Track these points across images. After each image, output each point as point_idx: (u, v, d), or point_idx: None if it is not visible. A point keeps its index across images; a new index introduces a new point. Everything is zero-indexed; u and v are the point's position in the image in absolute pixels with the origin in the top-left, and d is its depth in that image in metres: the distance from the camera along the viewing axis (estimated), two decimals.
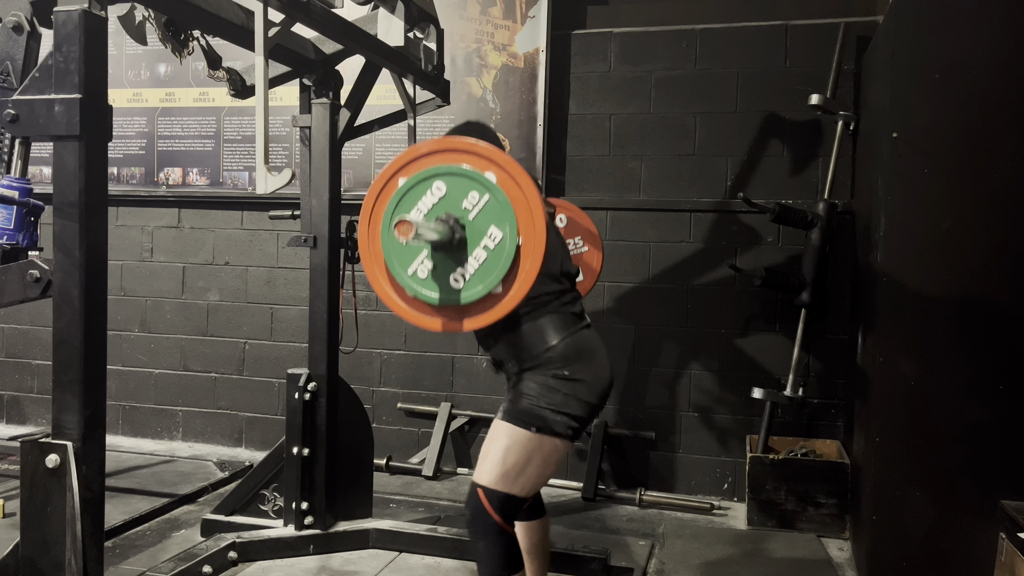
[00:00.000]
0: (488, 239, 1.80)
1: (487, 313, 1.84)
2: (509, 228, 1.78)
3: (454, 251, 1.80)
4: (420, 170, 1.83)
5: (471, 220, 1.80)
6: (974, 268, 2.70)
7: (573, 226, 3.21)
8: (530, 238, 1.79)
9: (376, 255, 1.88)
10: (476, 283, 1.81)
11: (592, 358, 2.25)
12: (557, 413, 2.14)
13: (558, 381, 2.16)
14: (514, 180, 1.80)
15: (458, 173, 1.81)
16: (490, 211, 1.79)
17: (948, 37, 2.70)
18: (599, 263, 3.20)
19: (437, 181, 1.82)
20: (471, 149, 1.83)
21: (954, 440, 2.71)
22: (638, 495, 3.85)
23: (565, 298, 2.27)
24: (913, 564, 2.75)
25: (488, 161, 1.82)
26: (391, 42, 2.83)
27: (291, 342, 4.52)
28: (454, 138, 1.90)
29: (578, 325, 2.26)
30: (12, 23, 2.01)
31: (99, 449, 1.91)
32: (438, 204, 1.82)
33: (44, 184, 3.43)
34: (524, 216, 1.79)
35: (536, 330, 2.19)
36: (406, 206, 1.83)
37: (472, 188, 1.80)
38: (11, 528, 2.98)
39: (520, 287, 1.80)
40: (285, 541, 3.07)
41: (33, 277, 1.94)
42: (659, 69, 4.04)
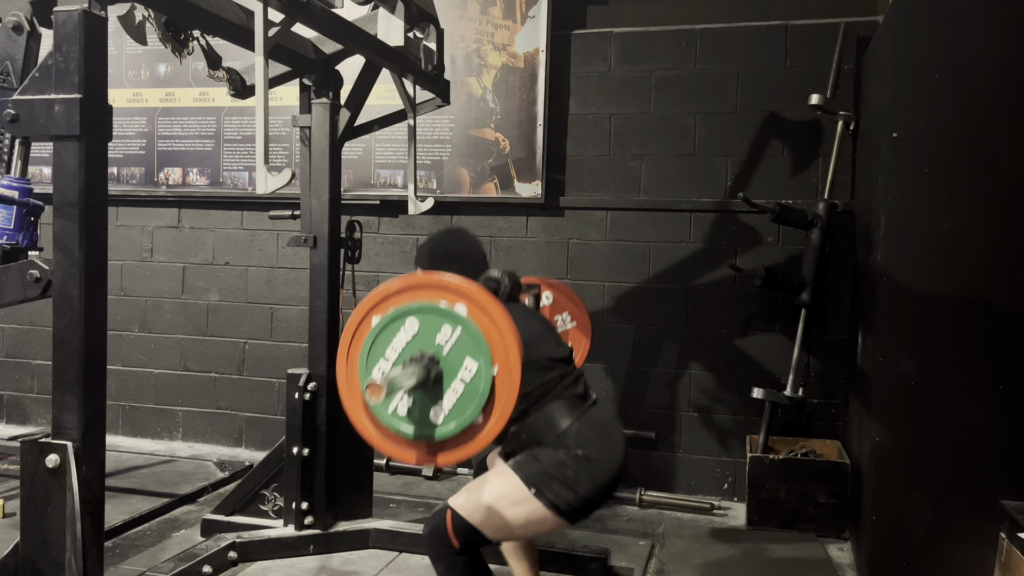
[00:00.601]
0: (464, 371, 1.81)
1: (469, 444, 1.85)
2: (484, 359, 1.80)
3: (431, 387, 1.81)
4: (392, 308, 1.86)
5: (446, 355, 1.82)
6: (974, 268, 2.69)
7: (559, 303, 3.20)
8: (505, 366, 1.80)
9: (355, 393, 1.90)
10: (455, 416, 1.82)
11: (607, 439, 2.22)
12: (564, 487, 2.11)
13: (571, 458, 2.14)
14: (484, 311, 1.82)
15: (429, 309, 1.83)
16: (464, 344, 1.81)
17: (948, 37, 2.70)
18: (588, 337, 3.20)
19: (409, 318, 1.84)
20: (439, 284, 1.86)
21: (954, 440, 2.71)
22: (638, 495, 3.85)
23: (566, 381, 2.26)
24: (913, 564, 2.75)
25: (457, 294, 1.84)
26: (391, 42, 2.83)
27: (291, 342, 4.52)
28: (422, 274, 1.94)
29: (585, 405, 2.25)
30: (12, 23, 2.00)
31: (99, 449, 1.91)
32: (412, 341, 1.84)
33: (44, 184, 3.43)
34: (497, 345, 1.81)
35: (544, 418, 2.19)
36: (381, 345, 1.85)
37: (444, 323, 1.82)
38: (11, 528, 2.99)
39: (500, 415, 1.81)
40: (285, 541, 3.07)
41: (33, 277, 1.94)
42: (659, 69, 4.04)
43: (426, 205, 3.30)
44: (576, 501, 2.12)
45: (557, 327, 3.13)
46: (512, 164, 4.14)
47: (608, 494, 2.20)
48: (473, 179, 4.20)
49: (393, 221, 4.37)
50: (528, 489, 2.11)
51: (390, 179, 4.32)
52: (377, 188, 4.33)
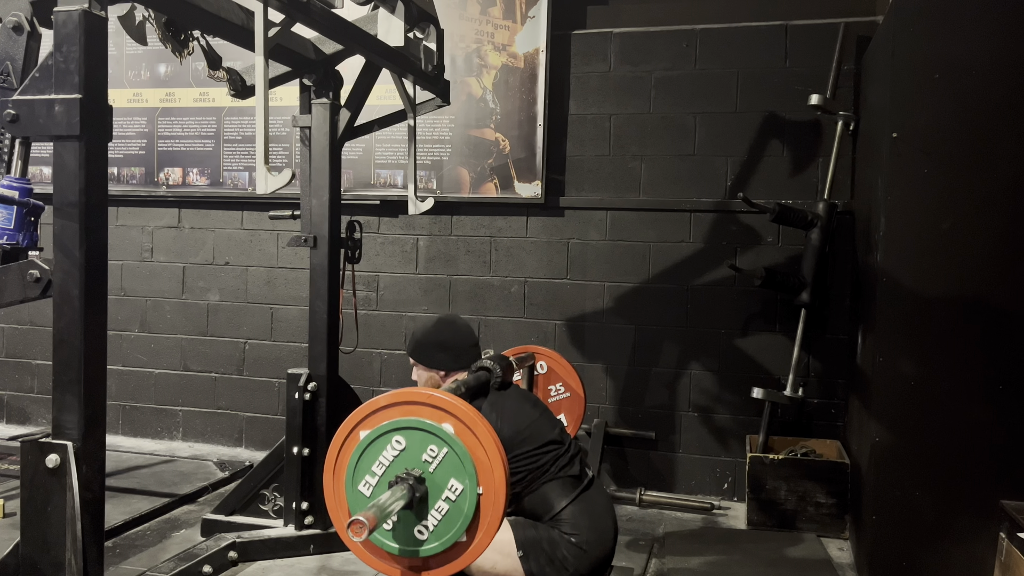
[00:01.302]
0: (449, 491, 1.83)
1: (453, 563, 1.86)
2: (469, 480, 1.81)
3: (416, 506, 1.83)
4: (379, 424, 1.86)
5: (432, 472, 1.83)
6: (974, 268, 2.69)
7: (553, 373, 3.23)
8: (490, 487, 1.82)
9: (342, 506, 1.91)
10: (440, 535, 1.84)
11: (598, 529, 2.26)
12: (550, 564, 2.16)
13: (564, 542, 2.19)
14: (470, 430, 1.83)
15: (416, 427, 1.84)
16: (449, 464, 1.82)
17: (948, 37, 2.70)
18: (582, 407, 3.23)
19: (397, 436, 1.85)
20: (427, 401, 1.86)
21: (954, 440, 2.71)
22: (638, 495, 3.85)
23: (560, 461, 2.30)
24: (913, 564, 2.75)
25: (444, 412, 1.85)
26: (391, 42, 2.83)
27: (291, 342, 4.52)
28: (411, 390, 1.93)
29: (580, 487, 2.29)
30: (12, 23, 2.00)
31: (99, 449, 1.91)
32: (399, 458, 1.85)
33: (44, 184, 3.44)
34: (483, 466, 1.82)
35: (540, 499, 2.24)
36: (368, 461, 1.86)
37: (431, 442, 1.83)
38: (11, 528, 2.99)
39: (485, 534, 1.83)
40: (285, 541, 3.07)
41: (33, 277, 1.94)
42: (659, 69, 4.04)
43: (426, 205, 3.30)
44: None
45: (551, 397, 3.22)
46: (512, 164, 4.14)
47: None
48: (473, 179, 4.20)
49: (393, 221, 4.37)
50: (517, 550, 2.16)
51: (390, 179, 4.32)
52: (377, 188, 4.33)
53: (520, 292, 4.20)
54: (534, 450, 2.27)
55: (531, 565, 2.16)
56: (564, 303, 4.15)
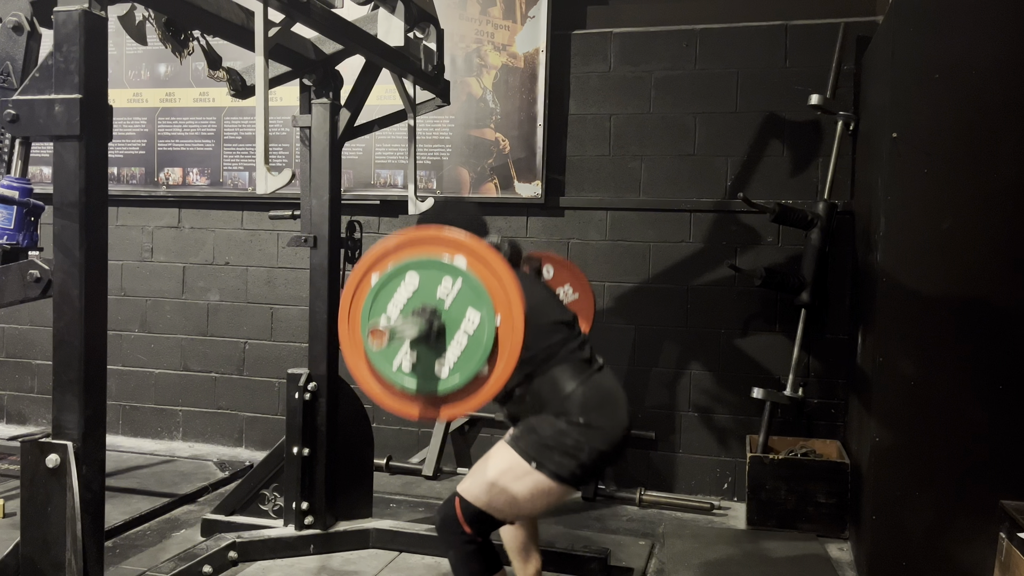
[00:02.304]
0: (467, 323, 1.80)
1: (474, 396, 1.84)
2: (486, 310, 1.79)
3: (434, 341, 1.81)
4: (391, 265, 1.85)
5: (447, 308, 1.81)
6: (974, 268, 2.70)
7: (560, 275, 3.19)
8: (508, 315, 1.80)
9: (358, 352, 1.88)
10: (461, 368, 1.81)
11: (611, 405, 2.22)
12: (565, 456, 2.11)
13: (572, 427, 2.14)
14: (483, 261, 1.81)
15: (428, 263, 1.83)
16: (465, 296, 1.80)
17: (948, 37, 2.70)
18: (592, 307, 3.19)
19: (409, 274, 1.83)
20: (437, 238, 1.85)
21: (954, 440, 2.71)
22: (638, 495, 3.85)
23: (571, 344, 2.26)
24: (913, 564, 2.75)
25: (455, 247, 1.83)
26: (391, 42, 2.83)
27: (291, 342, 4.52)
28: (420, 229, 1.91)
29: (591, 369, 2.25)
30: (12, 23, 2.00)
31: (99, 449, 1.91)
32: (413, 296, 1.83)
33: (44, 184, 3.44)
34: (499, 295, 1.80)
35: (550, 382, 2.18)
36: (383, 301, 1.84)
37: (444, 275, 1.82)
38: (11, 528, 2.99)
39: (506, 364, 1.81)
40: (285, 541, 3.07)
41: (33, 277, 1.94)
42: (659, 69, 4.04)
43: (426, 205, 3.29)
44: (578, 468, 2.13)
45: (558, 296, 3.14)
46: (512, 164, 4.14)
47: (612, 460, 2.21)
48: (473, 179, 4.20)
49: (393, 221, 4.37)
50: (528, 463, 2.12)
51: (390, 179, 4.32)
52: (377, 188, 4.33)
53: None
54: (545, 327, 2.21)
55: (548, 467, 2.11)
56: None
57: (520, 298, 1.80)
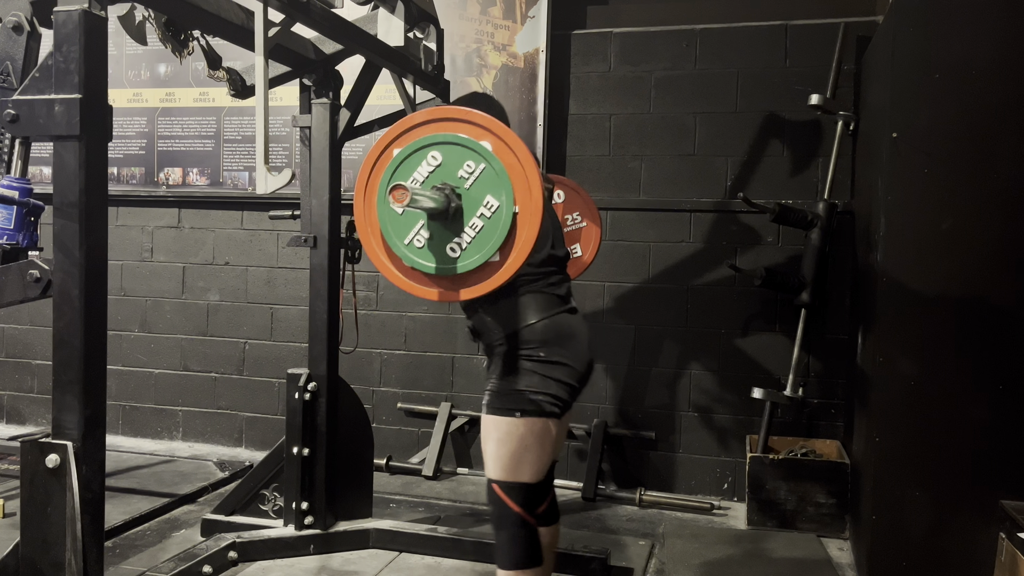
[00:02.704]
0: (485, 208, 1.78)
1: (484, 283, 1.83)
2: (506, 197, 1.77)
3: (451, 220, 1.79)
4: (415, 140, 1.82)
5: (467, 189, 1.79)
6: (974, 268, 2.69)
7: (571, 201, 3.18)
8: (527, 206, 1.77)
9: (372, 226, 1.87)
10: (473, 252, 1.80)
11: (569, 341, 2.21)
12: (537, 394, 2.13)
13: (534, 363, 2.15)
14: (510, 148, 1.78)
15: (454, 142, 1.80)
16: (486, 180, 1.78)
17: (948, 37, 2.70)
18: (597, 238, 3.17)
19: (433, 151, 1.80)
20: (467, 117, 1.81)
21: (954, 440, 2.71)
22: (638, 495, 3.85)
23: (551, 279, 2.24)
24: (913, 564, 2.75)
25: (484, 130, 1.80)
26: (391, 42, 2.84)
27: (291, 342, 4.52)
28: (449, 107, 1.89)
29: (560, 308, 2.24)
30: (12, 23, 2.00)
31: (99, 449, 1.91)
32: (434, 173, 1.81)
33: (44, 184, 3.44)
34: (520, 184, 1.78)
35: (516, 306, 2.17)
36: (402, 176, 1.82)
37: (468, 157, 1.79)
38: (11, 528, 2.99)
39: (517, 256, 1.79)
40: (285, 541, 3.07)
41: (33, 277, 1.94)
42: (659, 69, 4.04)
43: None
44: (554, 400, 2.14)
45: (567, 226, 3.13)
46: None
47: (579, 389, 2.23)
48: None
49: None
50: (512, 416, 2.13)
51: None
52: None
53: None
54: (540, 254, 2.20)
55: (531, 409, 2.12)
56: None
57: (541, 190, 1.78)
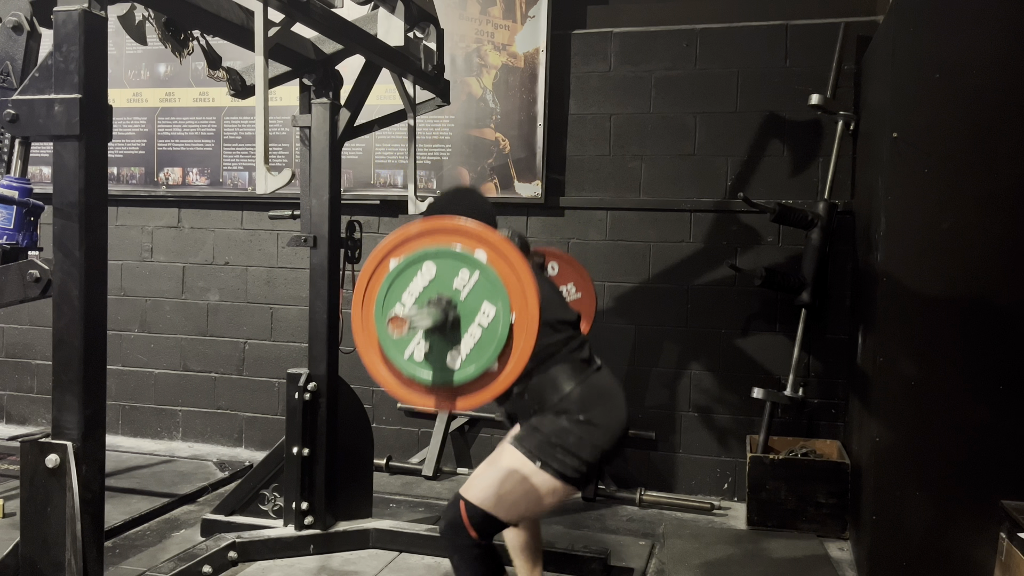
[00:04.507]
0: (482, 316, 1.80)
1: (483, 391, 1.84)
2: (502, 304, 1.79)
3: (448, 332, 1.80)
4: (410, 252, 1.84)
5: (463, 299, 1.81)
6: (974, 268, 2.69)
7: (565, 273, 3.19)
8: (523, 314, 1.79)
9: (370, 337, 1.88)
10: (472, 362, 1.81)
11: (609, 402, 2.22)
12: (568, 454, 2.12)
13: (573, 424, 2.14)
14: (504, 257, 1.81)
15: (447, 254, 1.82)
16: (481, 288, 1.80)
17: (948, 37, 2.70)
18: (593, 307, 3.20)
19: (427, 262, 1.83)
20: (459, 229, 1.84)
21: (954, 440, 2.71)
22: (638, 495, 3.85)
23: (571, 344, 2.26)
24: (913, 564, 2.75)
25: (477, 240, 1.83)
26: (391, 42, 2.83)
27: (291, 342, 4.52)
28: (442, 219, 1.91)
29: (590, 369, 2.25)
30: (12, 23, 2.00)
31: (99, 449, 1.91)
32: (429, 285, 1.83)
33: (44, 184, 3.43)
34: (516, 292, 1.80)
35: (548, 381, 2.19)
36: (398, 289, 1.84)
37: (462, 267, 1.82)
38: (11, 528, 2.99)
39: (517, 363, 1.81)
40: (285, 541, 3.07)
41: (33, 277, 1.94)
42: (659, 69, 4.04)
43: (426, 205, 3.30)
44: (582, 466, 2.13)
45: None
46: (512, 164, 4.14)
47: (612, 457, 2.21)
48: (473, 179, 4.20)
49: (393, 221, 4.37)
50: (533, 463, 2.12)
51: (390, 179, 4.32)
52: (377, 188, 4.33)
53: None
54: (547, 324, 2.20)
55: (553, 466, 2.11)
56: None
57: (536, 297, 1.79)
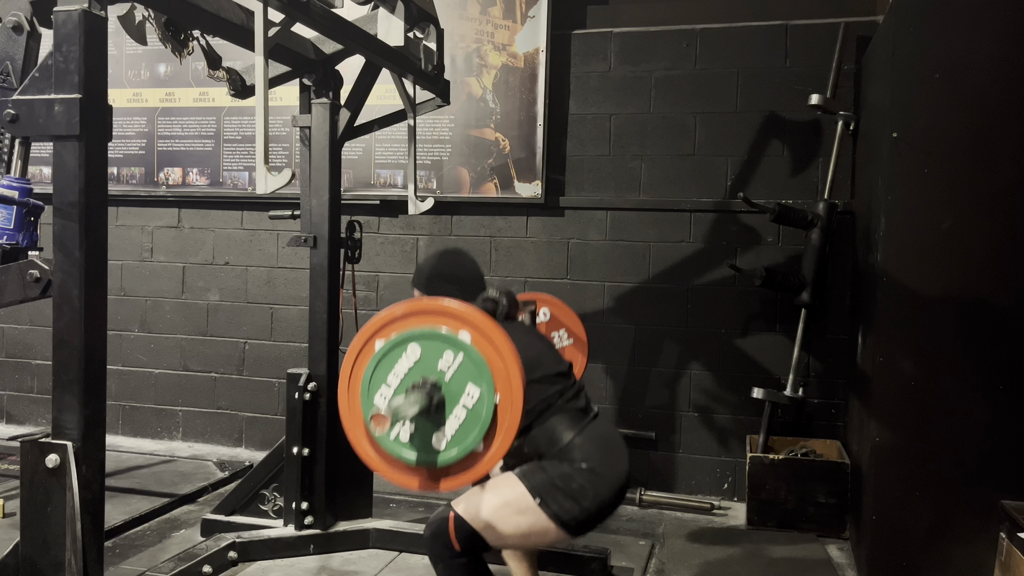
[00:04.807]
0: (466, 397, 1.81)
1: (469, 471, 1.85)
2: (486, 386, 1.80)
3: (433, 414, 1.81)
4: (395, 334, 1.85)
5: (447, 381, 1.82)
6: (974, 268, 2.69)
7: (556, 320, 3.21)
8: (508, 395, 1.80)
9: (356, 418, 1.89)
10: (456, 443, 1.82)
11: (611, 452, 2.23)
12: (569, 499, 2.11)
13: (576, 471, 2.14)
14: (487, 338, 1.82)
15: (432, 336, 1.83)
16: (466, 370, 1.82)
17: (948, 37, 2.70)
18: (585, 352, 3.21)
19: (412, 344, 1.84)
20: (444, 311, 1.85)
21: (954, 440, 2.71)
22: (638, 495, 3.85)
23: (567, 395, 2.27)
24: (913, 564, 2.75)
25: (461, 321, 1.84)
26: (391, 42, 2.83)
27: (291, 342, 4.52)
28: (426, 300, 1.93)
29: (587, 419, 2.26)
30: (12, 23, 2.00)
31: (99, 449, 1.91)
32: (414, 367, 1.83)
33: (44, 184, 3.43)
34: (500, 373, 1.81)
35: (547, 432, 2.19)
36: (383, 371, 1.85)
37: (446, 349, 1.83)
38: (11, 528, 2.99)
39: (502, 444, 1.82)
40: (285, 541, 3.07)
41: (33, 277, 1.94)
42: (659, 69, 4.04)
43: (426, 205, 3.30)
44: (581, 514, 2.13)
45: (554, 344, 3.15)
46: (512, 164, 4.14)
47: (611, 509, 2.21)
48: (473, 179, 4.20)
49: (393, 221, 4.37)
50: (533, 499, 2.11)
51: (390, 179, 4.32)
52: (377, 188, 4.33)
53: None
54: (541, 379, 2.23)
55: (552, 507, 2.11)
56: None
57: (521, 379, 1.81)
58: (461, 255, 2.54)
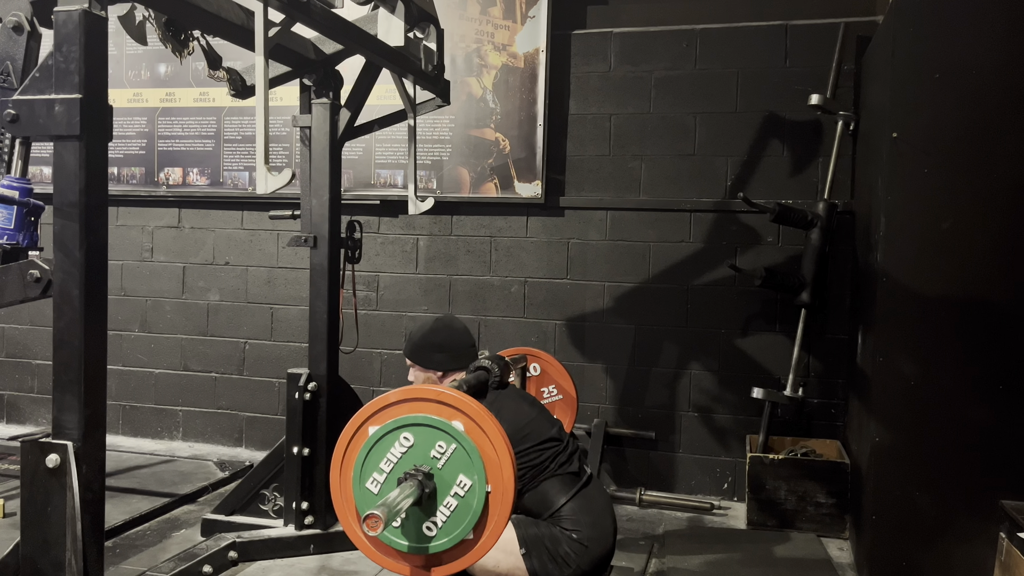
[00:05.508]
0: (458, 487, 1.83)
1: (460, 560, 1.86)
2: (478, 476, 1.81)
3: (425, 503, 1.82)
4: (389, 420, 1.86)
5: (440, 468, 1.83)
6: (974, 268, 2.69)
7: (546, 375, 3.24)
8: (499, 485, 1.82)
9: (348, 502, 1.90)
10: (448, 532, 1.84)
11: (599, 525, 2.28)
12: (552, 562, 2.17)
13: (566, 538, 2.20)
14: (480, 428, 1.83)
15: (426, 423, 1.84)
16: (458, 460, 1.82)
17: (948, 37, 2.70)
18: (575, 407, 3.24)
19: (405, 432, 1.84)
20: (438, 398, 1.86)
21: (954, 440, 2.71)
22: (638, 495, 3.85)
23: (559, 459, 2.32)
24: (913, 564, 2.75)
25: (455, 410, 1.85)
26: (391, 42, 2.83)
27: (291, 342, 4.52)
28: (421, 387, 1.94)
29: (579, 484, 2.30)
30: (12, 23, 2.00)
31: (99, 449, 1.91)
32: (407, 454, 1.84)
33: (44, 184, 3.44)
34: (492, 464, 1.82)
35: (539, 496, 2.25)
36: (376, 457, 1.86)
37: (440, 438, 1.83)
38: (11, 528, 2.99)
39: (492, 532, 1.83)
40: (285, 541, 3.07)
41: (33, 277, 1.94)
42: (659, 69, 4.04)
43: (426, 205, 3.30)
44: None
45: (544, 399, 3.23)
46: (512, 164, 4.14)
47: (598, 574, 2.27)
48: (473, 179, 4.20)
49: (393, 221, 4.37)
50: (519, 547, 2.17)
51: (390, 179, 4.32)
52: (377, 188, 4.33)
53: (520, 292, 4.21)
54: (534, 447, 2.28)
55: (534, 563, 2.17)
56: (564, 303, 4.15)
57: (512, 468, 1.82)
58: (452, 324, 2.59)
